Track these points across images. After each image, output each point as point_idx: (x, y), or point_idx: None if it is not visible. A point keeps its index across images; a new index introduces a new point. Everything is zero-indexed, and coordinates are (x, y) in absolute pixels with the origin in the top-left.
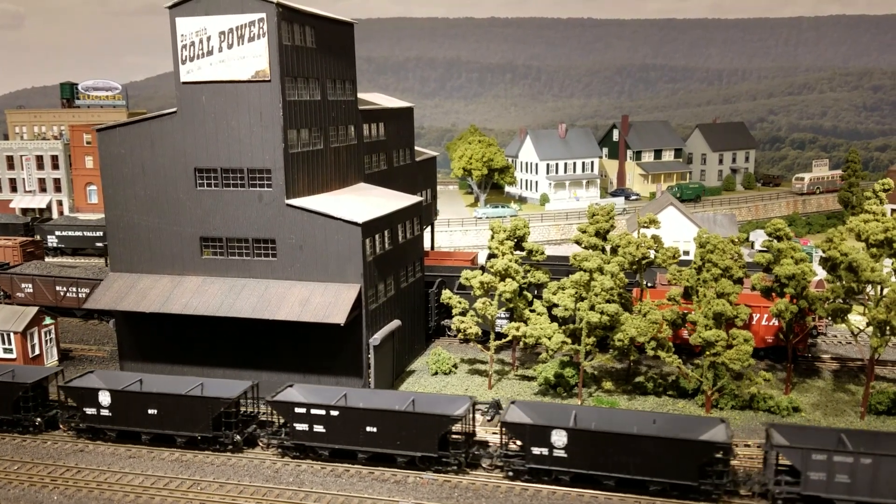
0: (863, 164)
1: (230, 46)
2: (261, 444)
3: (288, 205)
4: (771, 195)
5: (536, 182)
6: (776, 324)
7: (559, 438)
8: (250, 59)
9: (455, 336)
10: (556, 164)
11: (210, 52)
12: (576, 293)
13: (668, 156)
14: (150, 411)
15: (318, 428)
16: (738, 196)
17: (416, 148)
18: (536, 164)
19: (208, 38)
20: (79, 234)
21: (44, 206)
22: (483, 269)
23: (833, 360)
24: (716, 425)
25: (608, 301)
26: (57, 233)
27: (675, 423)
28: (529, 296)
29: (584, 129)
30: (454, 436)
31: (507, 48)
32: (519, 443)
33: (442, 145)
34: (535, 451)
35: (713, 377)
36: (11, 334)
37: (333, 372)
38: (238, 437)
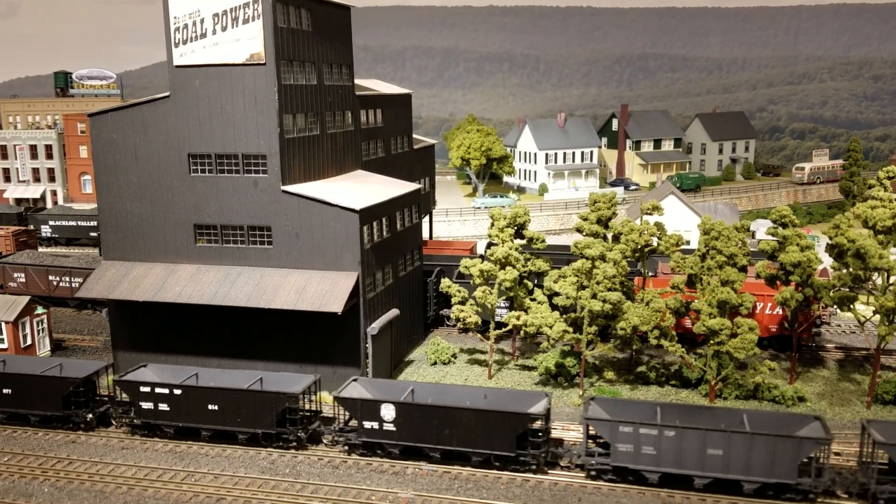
0: (863, 153)
1: (224, 29)
2: (114, 422)
3: (284, 191)
4: (771, 185)
5: (535, 172)
6: (780, 312)
7: (388, 412)
8: (245, 41)
9: (454, 325)
10: (555, 154)
11: (203, 35)
12: (577, 281)
13: (667, 145)
14: (5, 391)
15: (163, 406)
16: (738, 186)
17: (415, 136)
18: (535, 154)
19: (202, 21)
20: (73, 223)
21: (38, 195)
22: (483, 257)
23: (837, 350)
24: (540, 399)
25: (610, 289)
26: (51, 222)
27: (504, 397)
28: (530, 284)
29: (583, 119)
30: (300, 413)
31: (505, 37)
32: (353, 418)
33: (440, 135)
34: (367, 425)
35: (717, 366)
36: (3, 324)
37: (331, 361)
38: (90, 415)
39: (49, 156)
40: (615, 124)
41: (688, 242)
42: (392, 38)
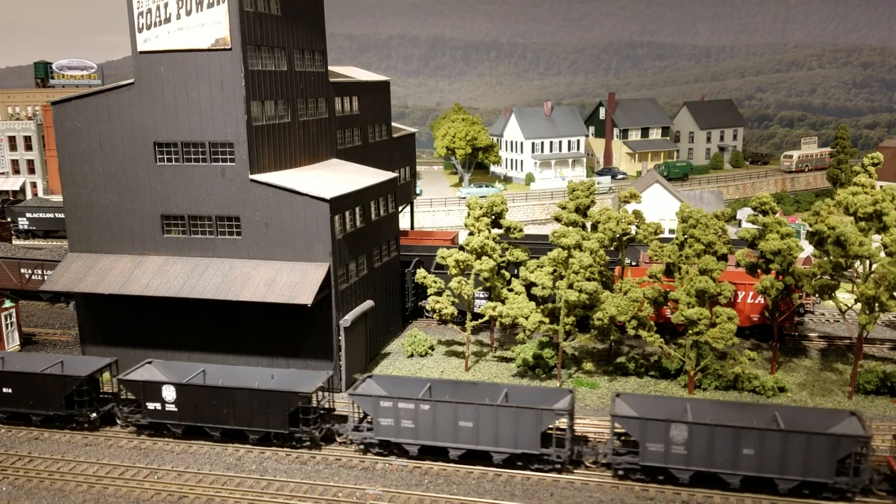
0: (852, 141)
1: (188, 13)
2: None
3: (252, 180)
4: (759, 173)
5: (522, 161)
6: (761, 301)
7: (169, 394)
8: (210, 26)
9: (432, 317)
10: (542, 143)
11: (168, 20)
12: (554, 271)
13: (655, 134)
14: None
15: None
16: (725, 174)
17: (395, 124)
18: (521, 143)
19: (166, 5)
20: (50, 216)
21: (17, 188)
22: (461, 247)
23: (820, 339)
24: (319, 379)
25: (587, 279)
26: (28, 215)
27: (288, 377)
28: (507, 275)
29: (570, 108)
30: (93, 395)
31: (491, 25)
32: (138, 399)
33: (426, 125)
34: (150, 406)
35: (696, 357)
36: None
37: (303, 354)
38: None
39: (28, 147)
40: (602, 113)
41: (672, 231)
42: (377, 27)
